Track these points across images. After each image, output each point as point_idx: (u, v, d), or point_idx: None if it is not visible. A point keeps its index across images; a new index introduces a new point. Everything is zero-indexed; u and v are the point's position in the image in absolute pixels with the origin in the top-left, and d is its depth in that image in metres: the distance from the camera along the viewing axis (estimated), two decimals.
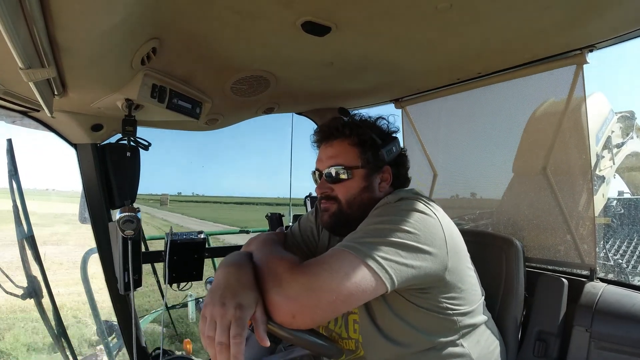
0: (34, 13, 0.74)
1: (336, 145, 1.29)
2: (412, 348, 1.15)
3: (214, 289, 0.95)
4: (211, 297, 0.92)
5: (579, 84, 1.64)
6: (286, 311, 0.91)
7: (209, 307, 0.90)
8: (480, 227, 2.19)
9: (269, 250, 1.11)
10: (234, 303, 0.89)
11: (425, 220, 1.08)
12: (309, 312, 0.92)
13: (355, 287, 0.93)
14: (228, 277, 0.98)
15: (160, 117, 1.79)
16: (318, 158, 1.34)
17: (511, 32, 1.42)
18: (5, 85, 1.27)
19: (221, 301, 0.90)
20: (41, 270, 2.00)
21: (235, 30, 1.31)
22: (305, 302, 0.91)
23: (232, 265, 1.04)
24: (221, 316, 0.87)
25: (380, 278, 0.95)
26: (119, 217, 1.60)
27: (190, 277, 2.12)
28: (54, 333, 2.09)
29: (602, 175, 4.47)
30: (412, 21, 1.30)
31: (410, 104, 2.40)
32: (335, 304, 0.92)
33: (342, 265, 0.94)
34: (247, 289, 0.93)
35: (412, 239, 1.02)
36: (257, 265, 1.04)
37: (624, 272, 4.84)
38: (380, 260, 0.96)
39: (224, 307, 0.88)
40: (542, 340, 1.58)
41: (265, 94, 1.97)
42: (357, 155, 1.28)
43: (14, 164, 1.90)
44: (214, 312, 0.89)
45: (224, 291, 0.92)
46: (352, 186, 1.27)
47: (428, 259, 1.03)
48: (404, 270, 0.99)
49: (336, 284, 0.92)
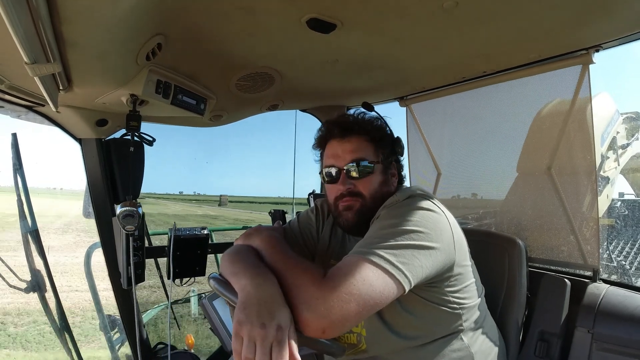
0: (40, 8, 0.74)
1: (354, 141, 1.28)
2: (416, 341, 1.17)
3: (248, 305, 0.91)
4: (246, 314, 0.89)
5: (585, 84, 1.63)
6: (317, 327, 0.91)
7: (247, 326, 0.87)
8: (483, 227, 2.19)
9: (283, 253, 1.09)
10: (275, 324, 0.87)
11: (434, 218, 1.10)
12: (339, 326, 0.93)
13: (380, 295, 0.95)
14: (259, 291, 0.94)
15: (164, 112, 1.80)
16: (332, 154, 1.30)
17: (517, 31, 1.41)
18: (10, 79, 1.28)
19: (260, 321, 0.87)
20: (45, 264, 2.01)
21: (240, 26, 1.31)
22: (335, 318, 0.91)
23: (256, 274, 1.00)
24: (262, 338, 0.86)
25: (401, 283, 0.97)
26: (119, 212, 1.60)
27: (193, 273, 2.13)
28: (57, 327, 2.10)
29: (606, 176, 4.45)
30: (418, 19, 1.30)
31: (415, 102, 2.39)
32: (362, 313, 0.94)
33: (366, 275, 0.95)
34: (281, 306, 0.92)
35: (424, 238, 1.04)
36: (274, 270, 1.03)
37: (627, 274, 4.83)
38: (400, 265, 0.98)
39: (264, 329, 0.86)
40: (544, 341, 1.58)
41: (270, 91, 1.96)
42: (374, 151, 1.29)
43: (18, 159, 1.91)
44: (254, 333, 0.86)
45: (260, 309, 0.89)
46: (375, 180, 1.28)
47: (439, 255, 1.06)
48: (420, 271, 1.01)
49: (363, 295, 0.93)
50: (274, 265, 1.05)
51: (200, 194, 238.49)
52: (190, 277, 2.15)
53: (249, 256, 1.10)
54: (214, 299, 1.96)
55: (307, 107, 2.63)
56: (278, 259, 1.06)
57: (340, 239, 1.42)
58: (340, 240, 1.42)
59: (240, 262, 1.07)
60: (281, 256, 1.07)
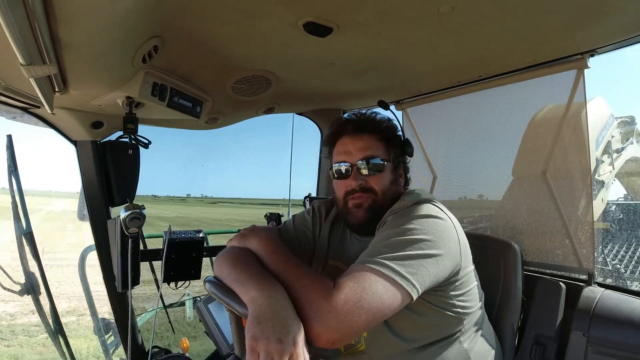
0: (36, 8, 0.73)
1: (366, 139, 1.29)
2: (416, 344, 1.17)
3: (262, 319, 0.90)
4: (261, 329, 0.88)
5: (580, 88, 1.64)
6: (328, 340, 0.92)
7: (263, 342, 0.86)
8: (479, 230, 2.19)
9: (286, 260, 1.09)
10: (291, 339, 0.87)
11: (441, 225, 1.11)
12: (348, 337, 0.94)
13: (388, 307, 0.96)
14: (272, 305, 0.93)
15: (160, 115, 1.79)
16: (343, 151, 1.30)
17: (512, 36, 1.42)
18: (6, 81, 1.27)
19: (276, 336, 0.86)
20: (39, 266, 2.00)
21: (237, 29, 1.31)
22: (346, 331, 0.92)
23: (265, 285, 0.99)
24: (280, 354, 0.85)
25: (409, 293, 0.98)
26: (125, 215, 1.61)
27: (188, 276, 2.12)
28: (50, 330, 2.08)
29: (601, 180, 4.46)
30: (414, 23, 1.31)
31: (411, 106, 2.40)
32: (370, 325, 0.95)
33: (376, 287, 0.95)
34: (294, 319, 0.91)
35: (432, 246, 1.05)
36: (279, 279, 1.02)
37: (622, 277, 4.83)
38: (408, 275, 0.98)
39: (281, 344, 0.85)
40: (539, 344, 1.58)
41: (266, 94, 1.97)
42: (386, 150, 1.31)
43: (13, 160, 1.90)
44: (271, 349, 0.85)
45: (274, 323, 0.89)
46: (386, 177, 1.29)
47: (447, 262, 1.07)
48: (428, 279, 1.02)
49: (372, 308, 0.94)
50: (279, 274, 1.04)
51: (208, 197, 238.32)
52: (185, 280, 2.14)
53: (252, 263, 1.10)
54: (209, 302, 1.95)
55: (303, 110, 2.63)
56: (283, 268, 1.06)
57: (340, 240, 1.42)
58: (339, 241, 1.42)
59: (244, 268, 1.06)
60: (286, 264, 1.07)
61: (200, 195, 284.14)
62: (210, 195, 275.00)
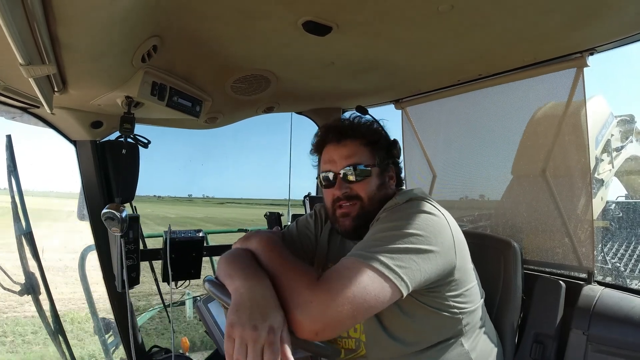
0: (35, 9, 0.73)
1: (350, 145, 1.28)
2: (416, 346, 1.16)
3: (240, 307, 0.91)
4: (238, 316, 0.89)
5: (579, 86, 1.64)
6: (310, 330, 0.91)
7: (238, 328, 0.87)
8: (478, 229, 2.19)
9: (279, 255, 1.09)
10: (266, 326, 0.87)
11: (434, 221, 1.10)
12: (332, 328, 0.93)
13: (375, 299, 0.95)
14: (252, 293, 0.94)
15: (160, 114, 1.79)
16: (328, 160, 1.30)
17: (512, 34, 1.42)
18: (5, 81, 1.27)
19: (252, 323, 0.87)
20: (39, 266, 1.99)
21: (236, 29, 1.31)
22: (329, 321, 0.91)
23: (250, 276, 1.00)
24: (254, 340, 0.86)
25: (397, 287, 0.97)
26: (102, 213, 1.57)
27: (188, 276, 2.12)
28: (51, 330, 2.08)
29: (601, 179, 4.46)
30: (414, 22, 1.30)
31: (411, 105, 2.40)
32: (356, 317, 0.94)
33: (361, 278, 0.94)
34: (274, 308, 0.92)
35: (423, 242, 1.04)
36: (269, 272, 1.03)
37: (621, 276, 4.84)
38: (397, 269, 0.97)
39: (256, 331, 0.86)
40: (539, 343, 1.58)
41: (266, 93, 1.96)
42: (370, 154, 1.29)
43: (13, 161, 1.90)
44: (245, 335, 0.86)
45: (252, 311, 0.90)
46: (372, 183, 1.27)
47: (439, 259, 1.06)
48: (419, 275, 1.01)
49: (357, 298, 0.92)
50: (269, 267, 1.05)
51: (209, 197, 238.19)
52: (185, 280, 2.14)
53: (245, 258, 1.10)
54: (209, 302, 1.95)
55: (303, 109, 2.63)
56: (274, 261, 1.06)
57: (339, 243, 1.42)
58: (338, 244, 1.42)
59: (236, 264, 1.07)
60: (277, 258, 1.07)
61: (202, 196, 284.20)
62: (212, 196, 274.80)
